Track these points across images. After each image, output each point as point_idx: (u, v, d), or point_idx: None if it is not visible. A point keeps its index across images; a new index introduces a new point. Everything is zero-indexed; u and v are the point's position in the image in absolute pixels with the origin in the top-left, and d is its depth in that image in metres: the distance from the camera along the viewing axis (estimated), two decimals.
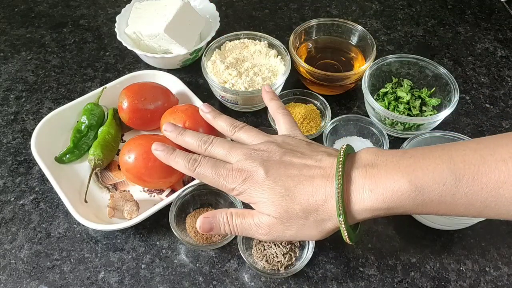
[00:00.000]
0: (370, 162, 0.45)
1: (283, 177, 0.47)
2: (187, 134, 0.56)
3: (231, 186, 0.49)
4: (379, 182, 0.43)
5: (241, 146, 0.52)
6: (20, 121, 0.73)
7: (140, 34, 0.74)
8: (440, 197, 0.42)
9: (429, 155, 0.43)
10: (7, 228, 0.61)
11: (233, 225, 0.50)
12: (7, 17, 0.91)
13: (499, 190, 0.40)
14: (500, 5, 0.94)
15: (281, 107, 0.60)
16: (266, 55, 0.73)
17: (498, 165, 0.40)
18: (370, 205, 0.44)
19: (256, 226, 0.49)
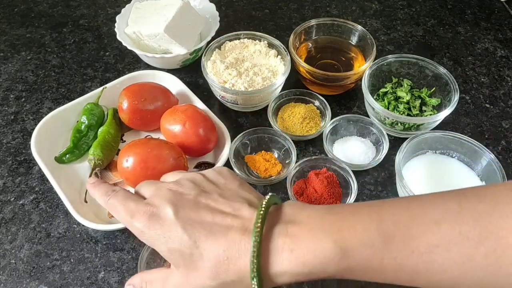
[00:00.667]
0: (293, 218, 0.39)
1: (194, 223, 0.40)
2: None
3: (137, 225, 0.41)
4: (300, 242, 0.37)
5: (158, 182, 0.47)
6: (20, 121, 0.73)
7: (140, 34, 0.74)
8: (367, 262, 0.36)
9: (356, 213, 0.39)
10: (7, 228, 0.61)
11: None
12: (7, 17, 0.91)
13: (430, 255, 0.35)
14: (500, 5, 0.94)
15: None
16: (266, 55, 0.73)
17: (430, 226, 0.36)
18: (289, 268, 0.37)
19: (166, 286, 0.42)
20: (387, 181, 0.65)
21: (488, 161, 0.60)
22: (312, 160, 0.65)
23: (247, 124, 0.72)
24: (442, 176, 0.62)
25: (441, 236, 0.35)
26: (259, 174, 0.65)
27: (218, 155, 0.66)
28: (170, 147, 0.60)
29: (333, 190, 0.62)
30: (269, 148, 0.68)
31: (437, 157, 0.64)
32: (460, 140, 0.62)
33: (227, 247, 0.39)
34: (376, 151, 0.67)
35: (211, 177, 0.46)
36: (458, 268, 0.35)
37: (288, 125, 0.70)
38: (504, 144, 0.70)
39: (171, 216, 0.41)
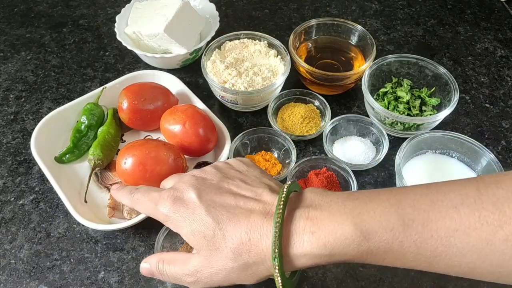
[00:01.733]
0: (314, 203, 0.41)
1: (218, 206, 0.42)
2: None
3: (162, 210, 0.43)
4: (321, 225, 0.39)
5: (182, 173, 0.49)
6: (20, 121, 0.73)
7: (140, 34, 0.74)
8: (387, 245, 0.38)
9: (376, 198, 0.40)
10: (7, 228, 0.61)
11: (165, 275, 0.45)
12: (6, 17, 0.91)
13: (450, 239, 0.36)
14: (499, 5, 0.94)
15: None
16: (266, 55, 0.73)
17: (449, 211, 0.37)
18: (310, 249, 0.39)
19: (184, 274, 0.44)
20: (387, 181, 0.65)
21: (488, 161, 0.60)
22: (312, 160, 0.65)
23: (247, 124, 0.72)
24: (442, 176, 0.62)
25: (460, 220, 0.36)
26: None
27: (218, 155, 0.66)
28: (168, 148, 0.60)
29: (333, 190, 0.62)
30: (269, 148, 0.68)
31: (437, 157, 0.64)
32: (460, 140, 0.62)
33: (249, 229, 0.40)
34: (376, 151, 0.67)
35: (234, 164, 0.48)
36: (477, 252, 0.36)
37: (288, 125, 0.70)
38: (504, 144, 0.70)
39: (194, 199, 0.43)
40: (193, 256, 0.44)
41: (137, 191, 0.48)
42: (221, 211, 0.42)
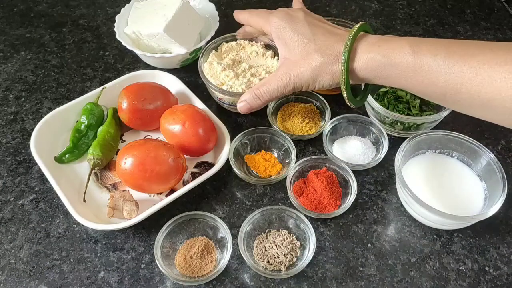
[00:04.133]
0: (381, 37, 0.55)
1: (316, 25, 0.58)
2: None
3: (274, 18, 0.60)
4: (385, 42, 0.53)
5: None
6: (20, 121, 0.73)
7: (139, 34, 0.74)
8: (428, 65, 0.49)
9: (430, 39, 0.53)
10: (6, 228, 0.61)
11: (262, 95, 0.60)
12: (6, 17, 0.91)
13: (480, 70, 0.47)
14: (499, 5, 0.94)
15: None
16: (263, 56, 0.73)
17: (486, 51, 0.47)
18: (373, 54, 0.53)
19: (278, 79, 0.58)
20: (387, 180, 0.65)
21: (488, 160, 0.60)
22: (312, 160, 0.65)
23: (246, 124, 0.72)
24: (441, 175, 0.62)
25: (492, 57, 0.46)
26: (259, 174, 0.65)
27: (218, 155, 0.66)
28: (168, 148, 0.60)
29: (333, 189, 0.62)
30: (269, 148, 0.68)
31: (436, 157, 0.64)
32: (459, 139, 0.62)
33: (334, 41, 0.56)
34: (376, 151, 0.67)
35: (309, 12, 0.63)
36: (503, 84, 0.45)
37: (287, 125, 0.70)
38: (503, 144, 0.70)
39: (301, 16, 0.60)
40: (280, 67, 0.59)
41: (254, 10, 0.68)
42: (318, 28, 0.58)
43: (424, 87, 0.51)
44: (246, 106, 0.62)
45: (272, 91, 0.60)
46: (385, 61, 0.52)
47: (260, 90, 0.60)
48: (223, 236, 0.57)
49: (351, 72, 0.55)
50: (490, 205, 0.56)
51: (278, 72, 0.59)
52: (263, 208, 0.59)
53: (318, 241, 0.59)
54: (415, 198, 0.55)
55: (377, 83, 0.56)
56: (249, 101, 0.62)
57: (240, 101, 0.62)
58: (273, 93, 0.60)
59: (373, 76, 0.54)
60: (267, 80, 0.60)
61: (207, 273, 0.55)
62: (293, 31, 0.58)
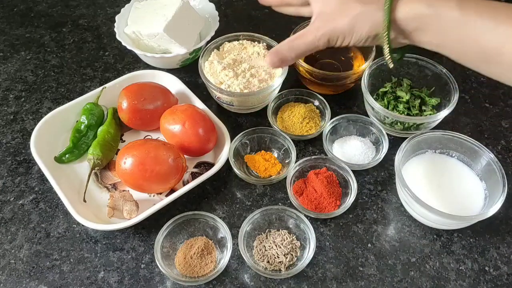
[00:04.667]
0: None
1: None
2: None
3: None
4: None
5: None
6: (20, 121, 0.73)
7: (139, 34, 0.74)
8: (456, 16, 0.49)
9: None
10: (6, 228, 0.61)
11: (296, 47, 0.57)
12: (6, 17, 0.91)
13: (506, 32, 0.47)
14: None
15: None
16: (264, 57, 0.73)
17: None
18: (414, 5, 0.51)
19: (313, 31, 0.55)
20: (387, 180, 0.65)
21: (488, 160, 0.60)
22: (312, 160, 0.65)
23: (246, 124, 0.72)
24: (441, 175, 0.62)
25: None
26: (259, 173, 0.65)
27: (218, 155, 0.66)
28: (168, 148, 0.60)
29: (333, 189, 0.62)
30: (269, 148, 0.68)
31: (436, 157, 0.64)
32: (459, 139, 0.62)
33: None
34: (376, 151, 0.67)
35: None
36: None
37: (287, 125, 0.70)
38: (503, 144, 0.70)
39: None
40: (314, 21, 0.56)
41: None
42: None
43: (464, 45, 0.50)
44: (277, 58, 0.58)
45: (307, 44, 0.56)
46: (429, 11, 0.50)
47: (295, 42, 0.57)
48: (223, 236, 0.57)
49: (392, 22, 0.52)
50: (490, 205, 0.56)
51: (312, 25, 0.56)
52: (263, 208, 0.59)
53: (318, 241, 0.59)
54: (415, 198, 0.55)
55: (414, 38, 0.53)
56: (282, 54, 0.58)
57: (272, 52, 0.58)
58: (307, 46, 0.57)
59: (414, 27, 0.52)
60: (301, 33, 0.57)
61: (207, 273, 0.55)
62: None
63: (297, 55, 0.58)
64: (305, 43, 0.56)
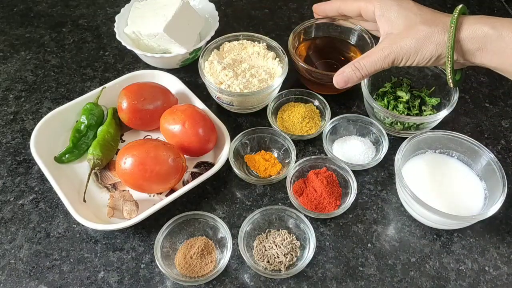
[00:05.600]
0: (484, 16, 0.57)
1: (419, 4, 0.60)
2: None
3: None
4: (492, 18, 0.55)
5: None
6: (20, 121, 0.73)
7: (139, 34, 0.74)
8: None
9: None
10: (6, 228, 0.61)
11: (362, 67, 0.60)
12: (6, 17, 0.91)
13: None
14: (499, 5, 0.94)
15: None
16: (264, 57, 0.73)
17: None
18: (477, 21, 0.55)
19: (379, 51, 0.58)
20: (387, 180, 0.65)
21: (488, 160, 0.60)
22: (312, 160, 0.65)
23: (246, 124, 0.72)
24: (441, 175, 0.62)
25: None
26: (259, 173, 0.65)
27: (218, 155, 0.66)
28: (168, 148, 0.60)
29: (333, 189, 0.62)
30: (269, 147, 0.68)
31: (436, 157, 0.64)
32: (459, 139, 0.62)
33: (440, 15, 0.59)
34: (376, 151, 0.67)
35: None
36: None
37: (287, 125, 0.70)
38: (503, 144, 0.70)
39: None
40: (382, 41, 0.60)
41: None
42: (422, 7, 0.60)
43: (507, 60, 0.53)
44: (344, 79, 0.61)
45: (372, 63, 0.59)
46: (493, 33, 0.53)
47: (360, 62, 0.60)
48: (223, 236, 0.57)
49: (456, 42, 0.55)
50: (490, 205, 0.56)
51: (379, 45, 0.60)
52: (263, 208, 0.59)
53: (318, 241, 0.59)
54: (415, 198, 0.55)
55: (475, 58, 0.56)
56: (348, 73, 0.61)
57: (338, 74, 0.62)
58: (373, 65, 0.59)
59: (477, 47, 0.55)
60: (367, 53, 0.60)
61: (207, 273, 0.55)
62: (399, 7, 0.59)
63: (363, 75, 0.61)
64: (371, 63, 0.59)
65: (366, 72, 0.60)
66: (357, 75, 0.61)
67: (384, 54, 0.58)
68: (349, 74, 0.61)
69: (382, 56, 0.58)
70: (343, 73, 0.61)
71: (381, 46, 0.59)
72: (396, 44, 0.58)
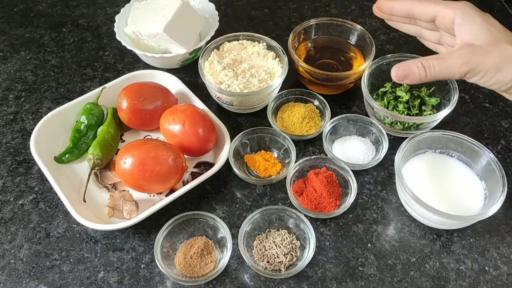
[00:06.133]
0: None
1: (501, 25, 0.55)
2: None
3: (461, 5, 0.55)
4: None
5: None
6: (20, 121, 0.73)
7: (139, 34, 0.74)
8: None
9: None
10: (6, 228, 0.61)
11: (431, 67, 0.53)
12: (6, 17, 0.91)
13: None
14: (499, 5, 0.94)
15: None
16: (264, 57, 0.73)
17: None
18: None
19: (456, 56, 0.52)
20: (387, 180, 0.65)
21: (488, 160, 0.60)
22: (312, 160, 0.65)
23: (246, 124, 0.72)
24: (441, 175, 0.62)
25: None
26: (259, 173, 0.65)
27: (218, 155, 0.66)
28: (168, 148, 0.60)
29: (333, 189, 0.62)
30: (269, 147, 0.68)
31: (436, 157, 0.64)
32: (459, 139, 0.62)
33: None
34: (376, 151, 0.67)
35: None
36: None
37: (287, 125, 0.70)
38: (503, 144, 0.70)
39: (487, 13, 0.55)
40: (461, 47, 0.53)
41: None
42: (507, 29, 0.54)
43: None
44: (404, 72, 0.54)
45: (444, 67, 0.53)
46: None
47: (430, 61, 0.53)
48: (223, 236, 0.57)
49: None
50: (490, 205, 0.56)
51: (457, 50, 0.53)
52: (263, 208, 0.59)
53: (318, 241, 0.59)
54: (415, 198, 0.55)
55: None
56: (411, 68, 0.53)
57: (400, 65, 0.54)
58: (444, 70, 0.53)
59: None
60: (441, 55, 0.54)
61: (207, 273, 0.55)
62: (482, 20, 0.54)
63: (428, 76, 0.54)
64: (443, 66, 0.53)
65: (433, 74, 0.53)
66: (421, 73, 0.54)
67: (461, 61, 0.52)
68: (412, 69, 0.53)
69: (458, 63, 0.52)
70: (406, 65, 0.54)
71: (459, 52, 0.53)
72: (477, 57, 0.52)
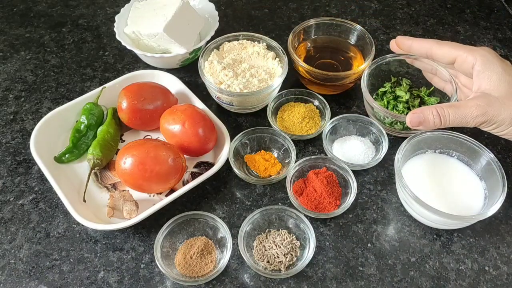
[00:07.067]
0: None
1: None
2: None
3: (482, 52, 0.57)
4: None
5: None
6: (19, 121, 0.73)
7: (139, 34, 0.74)
8: None
9: None
10: (6, 228, 0.61)
11: (446, 116, 0.54)
12: (6, 16, 0.91)
13: None
14: (499, 4, 0.94)
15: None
16: (264, 57, 0.73)
17: None
18: None
19: (471, 106, 0.53)
20: (387, 180, 0.65)
21: (488, 160, 0.60)
22: (312, 160, 0.65)
23: (246, 124, 0.72)
24: (441, 175, 0.62)
25: None
26: (259, 173, 0.65)
27: (218, 155, 0.66)
28: (168, 148, 0.60)
29: (333, 189, 0.62)
30: (269, 147, 0.68)
31: (436, 157, 0.64)
32: (459, 139, 0.62)
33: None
34: (376, 151, 0.67)
35: None
36: None
37: (287, 125, 0.70)
38: (503, 144, 0.70)
39: (507, 62, 0.57)
40: (477, 97, 0.54)
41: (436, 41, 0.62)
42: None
43: None
44: (419, 119, 0.56)
45: (460, 116, 0.54)
46: None
47: (445, 110, 0.54)
48: (223, 236, 0.57)
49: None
50: (490, 205, 0.56)
51: (473, 100, 0.54)
52: (263, 208, 0.59)
53: (318, 241, 0.59)
54: (415, 198, 0.55)
55: None
56: (426, 116, 0.55)
57: (414, 112, 0.56)
58: (459, 119, 0.54)
59: None
60: (457, 104, 0.55)
61: (207, 273, 0.55)
62: (503, 70, 0.55)
63: (443, 123, 0.55)
64: (458, 115, 0.54)
65: (447, 122, 0.55)
66: (436, 121, 0.55)
67: (477, 112, 0.53)
68: (427, 117, 0.55)
69: (474, 114, 0.53)
70: (420, 112, 0.55)
71: (476, 103, 0.53)
72: (493, 108, 0.53)
